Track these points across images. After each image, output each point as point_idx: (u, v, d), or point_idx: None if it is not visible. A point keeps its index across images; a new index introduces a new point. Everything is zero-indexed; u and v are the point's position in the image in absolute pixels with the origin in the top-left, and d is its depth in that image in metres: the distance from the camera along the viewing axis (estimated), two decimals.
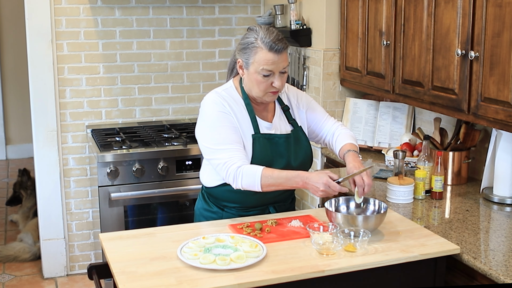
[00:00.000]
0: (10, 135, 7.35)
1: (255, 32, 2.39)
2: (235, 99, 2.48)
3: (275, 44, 2.34)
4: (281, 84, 2.41)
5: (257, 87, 2.41)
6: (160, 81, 4.37)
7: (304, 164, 2.55)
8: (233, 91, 2.51)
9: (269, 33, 2.37)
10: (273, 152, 2.46)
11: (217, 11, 4.43)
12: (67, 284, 4.19)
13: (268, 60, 2.35)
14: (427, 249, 2.21)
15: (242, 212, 2.53)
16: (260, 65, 2.36)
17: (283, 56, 2.38)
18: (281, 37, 2.38)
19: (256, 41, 2.36)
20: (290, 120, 2.56)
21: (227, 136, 2.39)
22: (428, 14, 2.88)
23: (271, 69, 2.36)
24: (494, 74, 2.48)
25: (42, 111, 4.09)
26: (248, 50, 2.39)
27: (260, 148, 2.44)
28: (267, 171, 2.34)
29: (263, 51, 2.35)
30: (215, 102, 2.44)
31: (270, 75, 2.38)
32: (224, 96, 2.47)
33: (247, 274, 2.00)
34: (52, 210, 4.20)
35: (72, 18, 4.11)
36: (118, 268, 2.06)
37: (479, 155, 3.08)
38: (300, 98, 2.64)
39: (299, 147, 2.54)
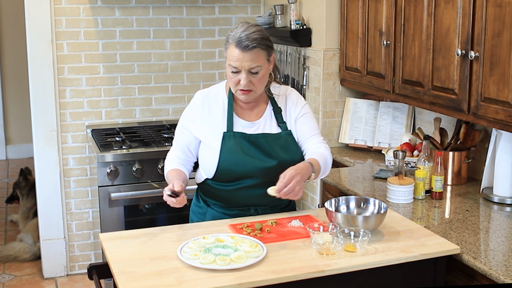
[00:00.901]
0: (10, 135, 7.36)
1: (237, 27, 2.39)
2: (218, 98, 2.51)
3: (243, 41, 2.31)
4: (249, 84, 2.36)
5: (229, 82, 2.43)
6: (160, 81, 4.37)
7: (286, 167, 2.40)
8: (221, 88, 2.54)
9: (246, 30, 2.34)
10: (244, 149, 2.43)
11: (217, 11, 4.43)
12: (67, 284, 4.19)
13: (233, 56, 2.33)
14: (427, 249, 2.21)
15: (224, 210, 2.53)
16: (228, 60, 2.37)
17: (251, 55, 2.32)
18: (256, 36, 2.33)
19: (232, 36, 2.36)
20: (279, 123, 2.53)
21: (177, 139, 2.56)
22: (428, 14, 2.88)
23: (235, 66, 2.34)
24: (494, 74, 2.48)
25: (42, 111, 4.09)
26: (226, 44, 2.41)
27: (229, 145, 2.43)
28: (169, 173, 2.51)
29: (231, 46, 2.35)
30: (191, 108, 2.53)
31: (237, 72, 2.36)
32: (208, 96, 2.52)
33: (247, 274, 2.00)
34: (52, 210, 4.20)
35: (72, 18, 4.11)
36: (118, 268, 2.06)
37: (479, 155, 3.08)
38: (297, 106, 2.56)
39: (283, 150, 2.48)
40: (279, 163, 2.44)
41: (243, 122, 2.49)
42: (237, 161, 2.42)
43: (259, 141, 2.47)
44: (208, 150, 2.48)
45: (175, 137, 2.59)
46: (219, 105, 2.50)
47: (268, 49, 2.40)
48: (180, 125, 2.56)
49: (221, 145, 2.44)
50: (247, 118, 2.51)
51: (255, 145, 2.46)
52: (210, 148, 2.47)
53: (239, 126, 2.48)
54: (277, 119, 2.53)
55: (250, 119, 2.51)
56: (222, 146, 2.44)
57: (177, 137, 2.57)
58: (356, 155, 3.63)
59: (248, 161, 2.43)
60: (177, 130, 2.58)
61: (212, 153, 2.46)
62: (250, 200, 2.51)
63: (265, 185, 2.40)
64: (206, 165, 2.49)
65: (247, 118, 2.50)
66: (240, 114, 2.51)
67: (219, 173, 2.45)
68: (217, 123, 2.48)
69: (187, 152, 2.54)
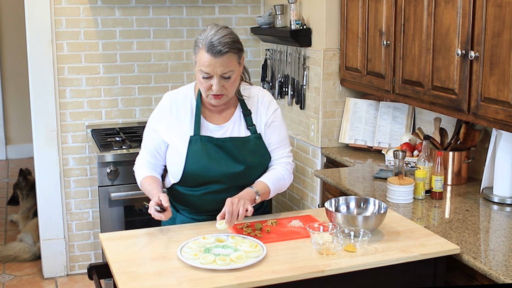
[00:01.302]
0: (10, 135, 7.36)
1: (205, 31, 2.31)
2: (186, 100, 2.47)
3: (214, 46, 2.25)
4: (221, 89, 2.31)
5: (200, 87, 2.37)
6: (160, 81, 4.37)
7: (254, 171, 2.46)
8: (189, 91, 2.50)
9: (216, 34, 2.27)
10: (210, 154, 2.39)
11: (217, 11, 4.43)
12: (67, 284, 4.19)
13: (205, 61, 2.27)
14: (427, 249, 2.21)
15: (193, 215, 2.50)
16: (199, 65, 2.30)
17: (223, 60, 2.27)
18: (227, 40, 2.27)
19: (202, 40, 2.29)
20: (249, 126, 2.48)
21: (145, 143, 2.54)
22: (428, 14, 2.88)
23: (207, 72, 2.28)
24: (494, 74, 2.48)
25: (42, 111, 4.09)
26: (195, 48, 2.34)
27: (195, 149, 2.39)
28: (143, 181, 2.49)
29: (202, 51, 2.28)
30: (159, 110, 2.49)
31: (209, 77, 2.30)
32: (176, 98, 2.48)
33: (247, 274, 2.00)
34: (52, 210, 4.20)
35: (72, 18, 4.11)
36: (118, 268, 2.06)
37: (479, 155, 3.08)
38: (269, 110, 2.51)
39: (251, 154, 2.45)
40: (247, 168, 2.42)
41: (211, 125, 2.44)
42: (203, 165, 2.38)
43: (226, 145, 2.42)
44: (175, 154, 2.44)
45: (143, 140, 2.54)
46: (187, 108, 2.45)
47: (239, 53, 2.34)
48: (148, 128, 2.51)
49: (188, 149, 2.39)
50: (216, 121, 2.46)
51: (222, 149, 2.41)
52: (176, 152, 2.43)
53: (206, 129, 2.43)
54: (246, 121, 2.48)
55: (218, 122, 2.46)
56: (189, 150, 2.39)
57: (145, 140, 2.53)
58: (356, 155, 3.63)
59: (214, 166, 2.40)
60: (145, 133, 2.53)
61: (179, 157, 2.42)
62: (218, 205, 2.42)
63: (232, 190, 2.42)
64: (173, 170, 2.46)
65: (215, 122, 2.46)
66: (208, 117, 2.46)
67: (185, 178, 2.42)
68: (185, 126, 2.43)
69: (156, 156, 2.50)
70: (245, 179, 2.45)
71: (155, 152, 2.50)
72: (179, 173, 2.43)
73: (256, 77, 4.55)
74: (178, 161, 2.42)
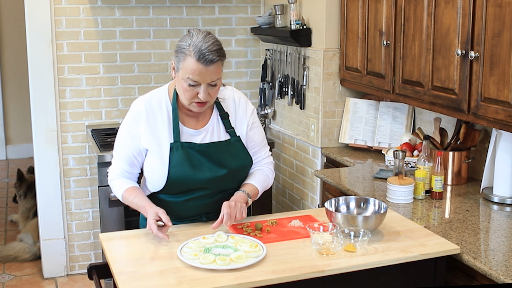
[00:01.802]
0: (10, 135, 7.36)
1: (190, 37, 2.26)
2: (162, 105, 2.40)
3: (205, 54, 2.21)
4: (207, 96, 2.28)
5: (183, 94, 2.30)
6: (160, 81, 4.37)
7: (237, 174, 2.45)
8: (163, 95, 2.43)
9: (204, 42, 2.23)
10: (193, 161, 2.36)
11: (217, 11, 4.43)
12: (67, 284, 4.19)
13: (194, 70, 2.22)
14: (427, 249, 2.21)
15: (175, 222, 2.43)
16: (186, 73, 2.24)
17: (213, 69, 2.24)
18: (216, 48, 2.24)
19: (188, 48, 2.23)
20: (228, 129, 2.45)
21: (121, 152, 2.44)
22: (428, 14, 2.88)
23: (196, 80, 2.24)
24: (494, 74, 2.48)
25: (42, 111, 4.09)
26: (179, 55, 2.27)
27: (177, 157, 2.34)
28: (127, 193, 2.40)
29: (191, 59, 2.22)
30: (133, 115, 2.40)
31: (196, 85, 2.26)
32: (151, 104, 2.39)
33: (247, 274, 2.00)
34: (52, 210, 4.20)
35: (72, 18, 4.11)
36: (118, 268, 2.06)
37: (479, 155, 3.08)
38: (247, 112, 2.50)
39: (233, 157, 2.43)
40: (229, 171, 2.41)
41: (189, 130, 2.40)
42: (187, 173, 2.34)
43: (209, 151, 2.39)
44: (156, 162, 2.37)
45: (117, 149, 2.44)
46: (163, 113, 2.38)
47: (224, 59, 2.32)
48: (122, 136, 2.42)
49: (170, 157, 2.35)
50: (193, 126, 2.42)
51: (205, 155, 2.38)
52: (158, 159, 2.37)
53: (185, 135, 2.39)
54: (224, 125, 2.45)
55: (196, 127, 2.42)
56: (171, 158, 2.34)
57: (120, 149, 2.43)
58: (356, 155, 3.63)
59: (198, 172, 2.36)
60: (119, 141, 2.43)
61: (161, 165, 2.36)
62: (201, 209, 2.44)
63: (215, 194, 2.42)
64: (154, 178, 2.39)
65: (192, 126, 2.41)
66: (186, 122, 2.41)
67: (168, 186, 2.37)
68: (163, 132, 2.37)
69: (134, 164, 2.43)
70: (228, 183, 2.44)
71: (133, 159, 2.41)
72: (161, 181, 2.37)
73: (256, 77, 4.55)
74: (160, 169, 2.36)
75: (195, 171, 2.36)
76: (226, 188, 2.44)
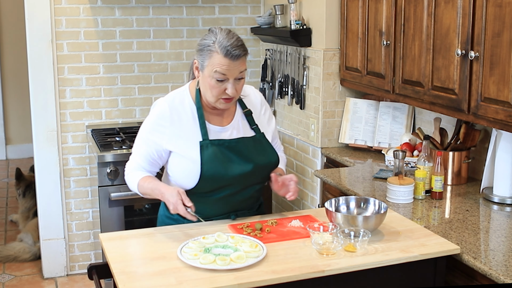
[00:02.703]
0: (10, 135, 7.36)
1: (214, 35, 2.32)
2: (185, 105, 2.42)
3: (232, 49, 2.27)
4: (235, 91, 2.33)
5: (210, 92, 2.33)
6: (160, 81, 4.37)
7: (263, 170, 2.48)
8: (186, 95, 2.45)
9: (228, 38, 2.29)
10: (223, 157, 2.38)
11: (217, 11, 4.43)
12: (67, 284, 4.19)
13: (222, 64, 2.28)
14: (427, 249, 2.21)
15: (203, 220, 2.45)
16: (213, 68, 2.29)
17: (239, 63, 2.30)
18: (240, 43, 2.31)
19: (214, 45, 2.29)
20: (252, 125, 2.50)
21: (142, 150, 2.45)
22: (428, 14, 2.88)
23: (224, 73, 2.29)
24: (494, 74, 2.48)
25: (42, 111, 4.09)
26: (204, 53, 2.32)
27: (209, 154, 2.37)
28: (142, 181, 2.42)
29: (218, 55, 2.28)
30: (157, 116, 2.42)
31: (223, 81, 2.30)
32: (174, 105, 2.42)
33: (247, 274, 2.00)
34: (52, 210, 4.20)
35: (72, 18, 4.11)
36: (118, 268, 2.06)
37: (479, 155, 3.08)
38: (266, 107, 2.59)
39: (260, 153, 2.46)
40: (256, 167, 2.43)
41: (216, 128, 2.43)
42: (219, 170, 2.36)
43: (238, 147, 2.42)
44: (185, 161, 2.39)
45: (138, 148, 2.45)
46: (187, 113, 2.41)
47: (247, 54, 2.37)
48: (144, 136, 2.44)
49: (201, 155, 2.36)
50: (218, 123, 2.45)
51: (234, 151, 2.41)
52: (187, 159, 2.38)
53: (212, 132, 2.42)
54: (248, 122, 2.50)
55: (221, 124, 2.45)
56: (202, 156, 2.36)
57: (141, 148, 2.44)
58: (356, 155, 3.63)
59: (229, 168, 2.39)
60: (141, 141, 2.45)
61: (192, 164, 2.37)
62: (230, 208, 2.47)
63: (244, 191, 2.45)
64: (185, 177, 2.40)
65: (218, 123, 2.44)
66: (211, 120, 2.44)
67: (200, 184, 2.38)
68: (190, 132, 2.40)
69: (154, 164, 2.45)
70: (254, 178, 2.47)
71: (156, 159, 2.43)
72: (193, 180, 2.38)
73: (256, 77, 4.55)
74: (192, 168, 2.37)
75: (226, 167, 2.39)
76: (253, 184, 2.48)
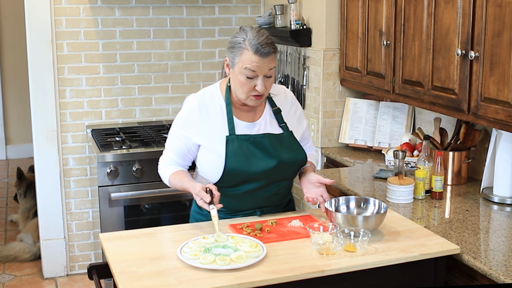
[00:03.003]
0: (10, 135, 7.36)
1: (245, 33, 2.37)
2: (215, 101, 2.48)
3: (262, 47, 2.32)
4: (264, 88, 2.38)
5: (240, 88, 2.39)
6: (160, 81, 4.37)
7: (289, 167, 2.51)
8: (216, 91, 2.51)
9: (258, 36, 2.35)
10: (248, 152, 2.43)
11: (217, 11, 4.43)
12: (67, 284, 4.19)
13: (252, 61, 2.33)
14: (427, 249, 2.21)
15: (229, 216, 2.52)
16: (244, 65, 2.34)
17: (269, 61, 2.35)
18: (270, 41, 2.36)
19: (244, 42, 2.35)
20: (280, 123, 2.54)
21: (174, 145, 2.53)
22: (428, 14, 2.88)
23: (254, 70, 2.34)
24: (494, 74, 2.48)
25: (42, 111, 4.09)
26: (235, 50, 2.37)
27: (233, 149, 2.41)
28: (172, 176, 2.50)
29: (248, 52, 2.33)
30: (188, 111, 2.49)
31: (253, 78, 2.35)
32: (204, 100, 2.48)
33: (247, 274, 2.00)
34: (52, 210, 4.20)
35: (72, 18, 4.11)
36: (118, 268, 2.06)
37: (479, 155, 3.08)
38: (296, 107, 2.63)
39: (286, 150, 2.49)
40: (280, 163, 2.46)
41: (243, 123, 2.48)
42: (242, 164, 2.41)
43: (263, 142, 2.46)
44: (211, 155, 2.45)
45: (170, 143, 2.54)
46: (216, 108, 2.48)
47: (277, 52, 2.44)
48: (175, 131, 2.52)
49: (226, 149, 2.42)
50: (246, 119, 2.50)
51: (259, 146, 2.45)
52: (213, 152, 2.44)
53: (239, 128, 2.47)
54: (277, 120, 2.54)
55: (249, 120, 2.50)
56: (227, 150, 2.42)
57: (173, 143, 2.53)
58: (356, 155, 3.63)
59: (253, 163, 2.43)
60: (173, 135, 2.53)
61: (217, 157, 2.43)
62: (256, 203, 2.51)
63: (269, 187, 2.48)
64: (210, 170, 2.46)
65: (246, 119, 2.50)
66: (239, 115, 2.49)
67: (225, 177, 2.43)
68: (218, 126, 2.46)
69: (185, 158, 2.52)
70: (279, 175, 2.49)
71: (186, 153, 2.51)
72: (218, 173, 2.43)
73: None
74: (217, 161, 2.43)
75: (250, 162, 2.43)
76: (279, 180, 2.51)
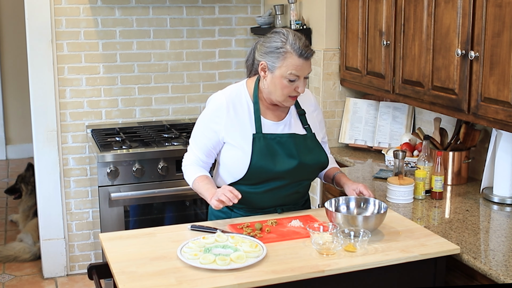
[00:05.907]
0: (10, 135, 7.35)
1: (283, 36, 2.41)
2: (242, 99, 2.51)
3: (304, 50, 2.39)
4: (304, 89, 2.46)
5: (280, 91, 2.42)
6: (160, 81, 4.37)
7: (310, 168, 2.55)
8: (243, 90, 2.54)
9: (298, 40, 2.41)
10: (273, 151, 2.46)
11: (217, 11, 4.43)
12: (67, 284, 4.19)
13: (297, 65, 2.38)
14: (427, 249, 2.21)
15: (249, 213, 2.54)
16: (288, 70, 2.38)
17: (309, 62, 2.44)
18: (308, 44, 2.43)
19: (285, 46, 2.39)
20: (304, 125, 2.58)
21: (199, 142, 2.55)
22: (428, 14, 2.88)
23: (298, 74, 2.40)
24: (494, 74, 2.48)
25: (42, 111, 4.09)
26: (276, 55, 2.40)
27: (259, 146, 2.45)
28: (196, 181, 2.50)
29: (292, 56, 2.38)
30: (215, 108, 2.51)
31: (295, 80, 2.41)
32: (231, 97, 2.51)
33: (247, 274, 2.00)
34: (52, 210, 4.20)
35: (72, 18, 4.11)
36: (118, 268, 2.06)
37: (479, 155, 3.08)
38: (319, 111, 2.68)
39: (308, 151, 2.53)
40: (301, 164, 2.49)
41: (269, 122, 2.51)
42: (267, 162, 2.44)
43: (287, 142, 2.50)
44: (237, 152, 2.47)
45: (196, 139, 2.56)
46: (243, 106, 2.50)
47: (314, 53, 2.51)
48: (202, 127, 2.54)
49: (252, 146, 2.45)
50: (272, 118, 2.53)
51: (283, 146, 2.49)
52: (239, 149, 2.46)
53: (266, 126, 2.50)
54: (301, 121, 2.57)
55: (275, 119, 2.53)
56: (254, 147, 2.45)
57: (199, 139, 2.55)
58: (356, 155, 3.63)
59: (278, 162, 2.46)
60: (199, 132, 2.56)
61: (243, 154, 2.45)
62: (277, 201, 2.53)
63: (291, 186, 2.51)
64: (235, 167, 2.48)
65: (272, 118, 2.53)
66: (265, 114, 2.53)
67: (249, 175, 2.45)
68: (244, 124, 2.48)
69: (211, 155, 2.55)
70: (300, 175, 2.52)
71: (210, 150, 2.53)
72: (243, 170, 2.46)
73: None
74: (243, 158, 2.45)
75: (275, 161, 2.46)
76: (300, 180, 2.54)
